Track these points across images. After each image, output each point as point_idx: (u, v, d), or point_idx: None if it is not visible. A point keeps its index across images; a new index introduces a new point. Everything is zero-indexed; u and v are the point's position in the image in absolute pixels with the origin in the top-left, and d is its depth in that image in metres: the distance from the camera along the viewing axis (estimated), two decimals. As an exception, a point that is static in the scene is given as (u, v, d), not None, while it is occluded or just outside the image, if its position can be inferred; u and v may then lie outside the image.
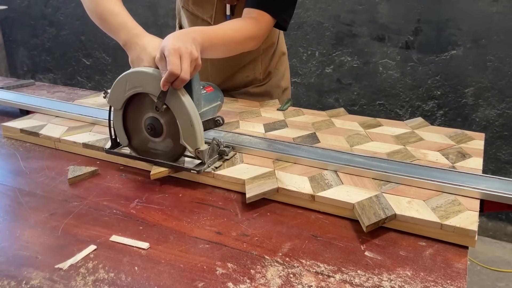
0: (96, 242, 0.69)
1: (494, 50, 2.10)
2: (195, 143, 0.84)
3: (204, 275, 0.62)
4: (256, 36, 1.10)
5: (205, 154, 0.85)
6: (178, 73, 0.79)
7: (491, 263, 2.20)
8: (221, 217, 0.76)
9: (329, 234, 0.72)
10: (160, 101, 0.82)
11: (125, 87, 0.86)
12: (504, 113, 2.17)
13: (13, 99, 1.26)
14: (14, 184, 0.87)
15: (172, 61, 0.79)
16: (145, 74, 0.84)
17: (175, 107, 0.83)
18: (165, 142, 0.89)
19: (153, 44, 0.89)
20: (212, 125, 0.89)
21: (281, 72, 1.42)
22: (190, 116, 0.82)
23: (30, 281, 0.60)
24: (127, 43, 0.93)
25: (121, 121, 0.91)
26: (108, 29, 1.00)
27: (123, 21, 0.96)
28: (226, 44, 1.02)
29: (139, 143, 0.92)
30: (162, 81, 0.79)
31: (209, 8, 1.23)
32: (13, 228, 0.73)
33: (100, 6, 1.00)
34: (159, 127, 0.87)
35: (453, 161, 0.92)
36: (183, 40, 0.84)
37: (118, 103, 0.89)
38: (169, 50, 0.80)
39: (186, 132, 0.84)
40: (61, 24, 3.26)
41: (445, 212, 0.72)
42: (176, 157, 0.89)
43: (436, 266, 0.64)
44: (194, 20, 1.27)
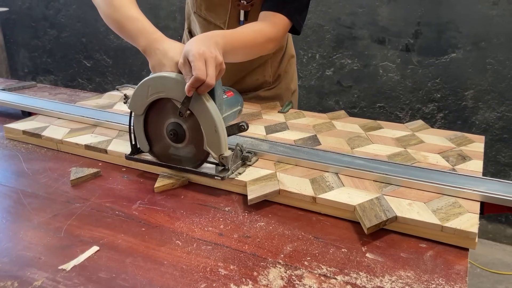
0: (99, 243, 0.69)
1: (494, 53, 2.11)
2: (219, 149, 0.83)
3: (207, 276, 0.62)
4: (275, 38, 1.10)
5: (229, 160, 0.84)
6: (204, 79, 0.78)
7: (491, 265, 2.20)
8: (223, 218, 0.77)
9: (331, 235, 0.72)
10: (184, 107, 0.81)
11: (148, 92, 0.85)
12: (504, 116, 2.18)
13: (15, 101, 1.27)
14: (16, 185, 0.88)
15: (198, 66, 0.77)
16: (168, 79, 0.83)
17: (199, 113, 0.82)
18: (187, 148, 0.87)
19: (174, 49, 0.88)
20: (236, 131, 0.87)
21: (290, 74, 1.42)
22: (214, 122, 0.81)
23: (34, 281, 0.61)
24: (147, 49, 0.92)
25: (142, 127, 0.89)
26: (126, 35, 0.98)
27: (142, 26, 0.94)
28: (246, 47, 1.01)
29: (160, 149, 0.90)
30: (187, 86, 0.78)
31: (222, 14, 1.23)
32: (16, 229, 0.73)
33: (118, 12, 0.98)
34: (182, 133, 0.86)
35: (454, 164, 0.92)
36: (207, 44, 0.83)
37: (139, 108, 0.88)
38: (194, 55, 0.78)
39: (210, 138, 0.83)
40: (62, 26, 3.26)
41: (446, 214, 0.73)
42: (199, 163, 0.88)
43: (437, 267, 0.65)
44: (207, 26, 1.26)
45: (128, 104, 0.89)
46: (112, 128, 1.10)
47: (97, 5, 1.03)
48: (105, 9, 1.01)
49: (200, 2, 1.25)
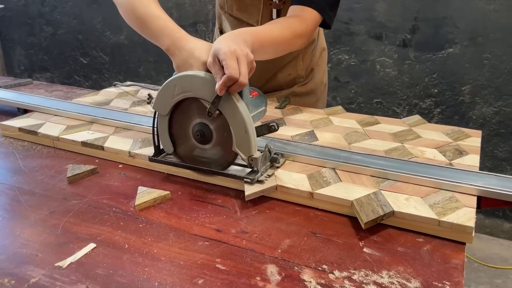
0: (96, 240, 0.69)
1: (491, 48, 2.11)
2: (248, 150, 0.80)
3: (204, 272, 0.62)
4: (304, 34, 1.06)
5: (258, 162, 0.81)
6: (237, 77, 0.75)
7: (489, 260, 2.21)
8: (220, 214, 0.77)
9: (328, 231, 0.72)
10: (214, 107, 0.78)
11: (174, 91, 0.82)
12: (501, 110, 2.18)
13: (11, 98, 1.26)
14: (13, 182, 0.87)
15: (230, 64, 0.74)
16: (197, 78, 0.80)
17: (229, 113, 0.79)
18: (214, 149, 0.85)
19: (200, 48, 0.85)
20: (265, 131, 0.84)
21: (323, 68, 1.40)
22: (244, 122, 0.78)
23: (30, 279, 0.61)
24: (171, 48, 0.89)
25: (166, 128, 0.86)
26: (148, 33, 0.95)
27: (165, 25, 0.91)
28: (275, 44, 0.98)
29: (185, 150, 0.87)
30: (218, 85, 0.75)
31: (254, 14, 1.21)
32: (13, 226, 0.73)
33: (139, 10, 0.95)
34: (209, 134, 0.83)
35: (450, 158, 0.92)
36: (237, 42, 0.79)
37: (164, 108, 0.84)
38: (225, 53, 0.75)
39: (240, 139, 0.80)
40: (58, 23, 3.25)
41: (443, 208, 0.73)
42: (226, 165, 0.85)
43: (434, 262, 0.65)
44: (238, 25, 1.24)
45: (152, 104, 0.86)
46: (109, 124, 1.09)
47: (117, 2, 1.00)
48: (126, 6, 0.98)
49: (231, 3, 1.23)
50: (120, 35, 3.05)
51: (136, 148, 0.95)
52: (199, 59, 0.83)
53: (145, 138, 1.01)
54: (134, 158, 0.94)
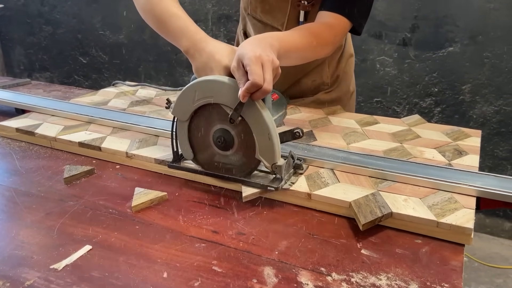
0: (92, 242, 0.69)
1: (491, 46, 2.10)
2: (272, 157, 0.77)
3: (201, 274, 0.62)
4: (331, 42, 1.03)
5: (282, 169, 0.78)
6: (261, 84, 0.72)
7: (489, 259, 2.21)
8: (217, 216, 0.76)
9: (326, 232, 0.72)
10: (236, 113, 0.75)
11: (194, 97, 0.79)
12: (501, 109, 2.17)
13: (8, 98, 1.26)
14: (9, 183, 0.87)
15: (255, 70, 0.72)
16: (218, 84, 0.77)
17: (252, 119, 0.76)
18: (235, 155, 0.82)
19: (221, 51, 0.83)
20: (289, 138, 0.81)
21: (349, 75, 1.34)
22: (268, 129, 0.76)
23: (25, 281, 0.60)
24: (190, 50, 0.86)
25: (186, 134, 0.84)
26: (166, 33, 0.91)
27: (184, 25, 0.88)
28: (301, 50, 0.94)
29: (205, 156, 0.85)
30: (241, 91, 0.72)
31: (280, 16, 1.16)
32: (8, 227, 0.73)
33: (158, 8, 0.91)
34: (230, 140, 0.81)
35: (450, 159, 0.92)
36: (263, 47, 0.77)
37: (184, 114, 0.82)
38: (250, 58, 0.73)
39: (263, 146, 0.77)
40: (58, 23, 3.24)
41: (442, 210, 0.72)
42: (248, 172, 0.82)
43: (433, 263, 0.64)
44: (262, 28, 1.20)
45: (172, 110, 0.83)
46: (107, 125, 1.09)
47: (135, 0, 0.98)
48: (144, 4, 0.94)
49: (255, 5, 1.18)
50: (120, 34, 3.04)
51: (134, 149, 0.95)
52: (220, 63, 0.81)
53: (142, 138, 1.01)
54: (131, 159, 0.93)
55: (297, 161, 0.85)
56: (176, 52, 2.89)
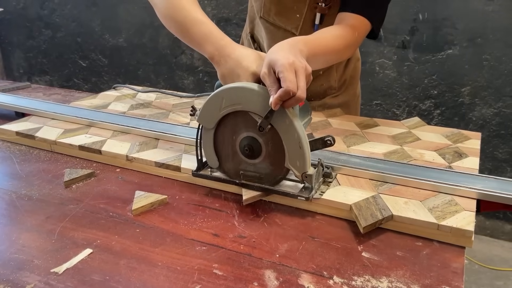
0: (93, 246, 0.68)
1: (490, 49, 2.11)
2: (303, 166, 0.75)
3: (201, 278, 0.62)
4: (353, 44, 1.01)
5: (313, 179, 0.76)
6: (295, 91, 0.70)
7: (489, 261, 2.20)
8: (218, 219, 0.76)
9: (326, 235, 0.72)
10: (266, 121, 0.74)
11: (221, 104, 0.77)
12: (501, 112, 2.17)
13: (8, 102, 1.26)
14: (10, 187, 0.87)
15: (289, 77, 0.70)
16: (248, 91, 0.75)
17: (282, 128, 0.74)
18: (262, 164, 0.80)
19: (248, 57, 0.81)
20: (320, 146, 0.78)
21: (356, 79, 1.34)
22: (299, 137, 0.74)
23: (26, 285, 0.60)
24: (216, 56, 0.84)
25: (212, 142, 0.82)
26: (189, 39, 0.89)
27: (209, 31, 0.86)
28: (327, 54, 0.93)
29: (230, 165, 0.83)
30: (274, 99, 0.70)
31: (295, 19, 1.14)
32: (9, 231, 0.73)
33: (180, 13, 0.89)
34: (258, 148, 0.78)
35: (450, 161, 0.92)
36: (294, 53, 0.75)
37: (210, 122, 0.80)
38: (283, 65, 0.70)
39: (293, 155, 0.75)
40: (57, 26, 3.25)
41: (442, 212, 0.72)
42: (276, 181, 0.80)
43: (433, 266, 0.64)
44: (275, 31, 1.18)
45: (197, 117, 0.81)
46: (107, 128, 1.09)
47: (155, 4, 0.96)
48: (165, 9, 0.92)
49: (269, 6, 1.15)
50: (119, 37, 3.05)
51: (134, 152, 0.95)
52: (247, 69, 0.79)
53: (142, 141, 1.01)
54: (131, 162, 0.93)
55: (326, 170, 0.83)
56: (176, 55, 2.89)
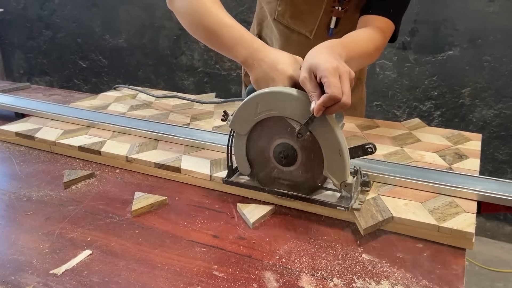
0: (92, 247, 0.68)
1: (490, 50, 2.11)
2: (342, 175, 0.72)
3: (201, 279, 0.61)
4: (382, 46, 0.99)
5: (352, 188, 0.73)
6: (340, 97, 0.67)
7: (489, 263, 2.20)
8: (217, 220, 0.76)
9: (326, 236, 0.71)
10: (306, 128, 0.71)
11: (256, 110, 0.75)
12: (501, 113, 2.17)
13: (8, 102, 1.25)
14: (9, 188, 0.87)
15: (334, 83, 0.67)
16: (285, 96, 0.73)
17: (322, 134, 0.72)
18: (297, 171, 0.77)
19: (284, 60, 0.79)
20: (360, 154, 0.75)
21: (363, 82, 1.32)
22: (340, 145, 0.71)
23: (25, 286, 0.60)
24: (248, 60, 0.82)
25: (244, 148, 0.80)
26: (218, 44, 0.87)
27: (240, 35, 0.84)
28: (360, 57, 0.90)
29: (263, 172, 0.80)
30: (317, 105, 0.67)
31: (310, 22, 1.12)
32: (8, 233, 0.72)
33: (208, 18, 0.87)
34: (293, 155, 0.76)
35: (450, 162, 0.91)
36: (336, 57, 0.72)
37: (243, 127, 0.78)
38: (327, 69, 0.68)
39: (332, 163, 0.72)
40: (57, 27, 3.25)
41: (442, 214, 0.72)
42: (312, 189, 0.77)
43: (434, 268, 0.64)
44: (288, 34, 1.17)
45: (229, 122, 0.79)
46: (106, 129, 1.09)
47: (178, 11, 0.94)
48: (190, 16, 0.90)
49: (284, 9, 1.14)
50: (119, 38, 3.05)
51: (134, 153, 0.95)
52: (283, 73, 0.77)
53: (142, 142, 1.01)
54: (131, 163, 0.93)
55: (364, 178, 0.80)
56: (176, 56, 2.89)
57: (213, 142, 0.97)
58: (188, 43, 2.81)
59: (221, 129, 1.08)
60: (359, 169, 0.78)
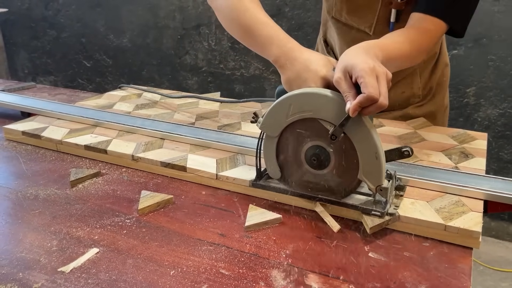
0: (99, 245, 0.69)
1: (495, 49, 2.10)
2: (378, 179, 0.70)
3: (208, 277, 0.62)
4: (427, 48, 0.95)
5: (388, 192, 0.71)
6: (378, 98, 0.65)
7: (494, 263, 2.20)
8: (224, 218, 0.76)
9: (333, 235, 0.71)
10: (340, 129, 0.69)
11: (288, 111, 0.73)
12: (506, 112, 2.17)
13: (14, 102, 1.26)
14: (16, 186, 0.87)
15: (371, 83, 0.66)
16: (320, 97, 0.71)
17: (357, 136, 0.70)
18: (329, 175, 0.75)
19: (317, 61, 0.77)
20: (395, 157, 0.73)
21: (444, 87, 1.23)
22: (376, 147, 0.69)
23: (33, 284, 0.60)
24: (281, 59, 0.80)
25: (274, 151, 0.78)
26: (252, 42, 0.86)
27: (274, 33, 0.83)
28: (399, 59, 0.87)
29: (294, 175, 0.78)
30: (353, 105, 0.66)
31: (369, 17, 1.08)
32: (16, 231, 0.73)
33: (244, 16, 0.86)
34: (326, 158, 0.74)
35: (456, 162, 0.91)
36: (372, 58, 0.71)
37: (274, 129, 0.76)
38: (364, 69, 0.66)
39: (368, 166, 0.70)
40: (62, 27, 3.26)
41: (449, 213, 0.72)
42: (345, 194, 0.75)
43: (441, 266, 0.64)
44: (347, 31, 1.14)
45: (260, 124, 0.77)
46: (112, 128, 1.09)
47: (217, 8, 0.93)
48: (229, 12, 0.90)
49: (340, 5, 1.11)
50: (123, 38, 3.05)
51: (140, 152, 0.95)
52: (316, 74, 0.75)
53: (148, 141, 1.01)
54: (137, 162, 0.94)
55: (399, 183, 0.79)
56: (180, 55, 2.89)
57: (218, 141, 0.97)
58: (192, 43, 2.82)
59: (226, 128, 1.08)
60: (394, 173, 0.77)
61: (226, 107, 1.26)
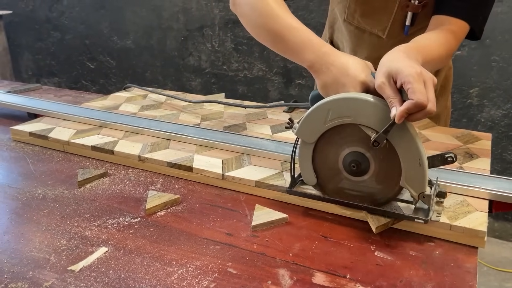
0: (107, 244, 0.69)
1: (498, 50, 2.10)
2: (421, 186, 0.69)
3: (216, 276, 0.62)
4: (453, 50, 0.94)
5: (431, 200, 0.70)
6: (426, 104, 0.64)
7: (498, 263, 2.20)
8: (230, 218, 0.77)
9: (339, 234, 0.72)
10: (384, 136, 0.67)
11: (326, 117, 0.71)
12: (510, 113, 2.17)
13: (21, 103, 1.27)
14: (24, 187, 0.88)
15: (419, 89, 0.64)
16: (361, 102, 0.69)
17: (401, 143, 0.68)
18: (368, 182, 0.74)
19: (355, 65, 0.76)
20: (438, 163, 0.71)
21: (448, 90, 1.23)
22: (420, 154, 0.67)
23: (44, 283, 0.61)
24: (316, 64, 0.79)
25: (310, 157, 0.76)
26: (284, 48, 0.84)
27: (307, 38, 0.81)
28: (433, 61, 0.85)
29: (330, 182, 0.77)
30: (399, 111, 0.64)
31: (384, 19, 1.07)
32: (25, 230, 0.74)
33: (274, 21, 0.84)
34: (365, 165, 0.72)
35: (461, 162, 0.92)
36: (416, 62, 0.70)
37: (311, 135, 0.74)
38: (411, 75, 0.65)
39: (411, 173, 0.69)
40: (66, 28, 3.28)
41: (454, 213, 0.72)
42: (385, 201, 0.74)
43: (446, 266, 0.64)
44: (359, 35, 1.13)
45: (295, 130, 0.75)
46: (119, 129, 1.10)
47: (244, 14, 0.91)
48: (257, 18, 0.87)
49: (354, 8, 1.10)
50: (127, 39, 3.07)
51: (146, 152, 0.96)
52: (355, 78, 0.74)
53: (154, 142, 1.02)
54: (144, 162, 0.94)
55: (440, 189, 0.77)
56: (183, 57, 2.91)
57: (224, 142, 0.98)
58: (196, 44, 2.83)
59: (231, 129, 1.09)
60: (436, 179, 0.77)
61: (232, 109, 1.26)
